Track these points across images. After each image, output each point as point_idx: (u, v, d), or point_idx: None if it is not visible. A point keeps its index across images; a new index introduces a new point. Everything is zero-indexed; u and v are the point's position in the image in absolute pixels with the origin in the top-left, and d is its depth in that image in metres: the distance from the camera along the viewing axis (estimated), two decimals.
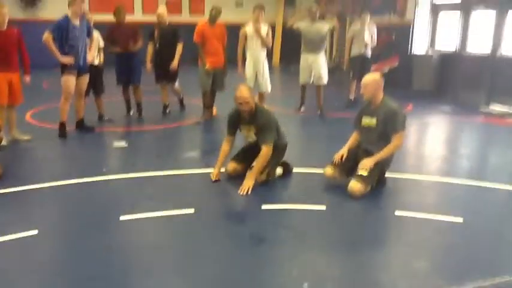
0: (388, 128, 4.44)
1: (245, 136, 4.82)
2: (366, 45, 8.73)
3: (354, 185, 4.30)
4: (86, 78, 6.47)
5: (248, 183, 4.44)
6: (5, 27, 5.78)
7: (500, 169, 5.52)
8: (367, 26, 8.76)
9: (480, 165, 5.81)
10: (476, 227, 3.80)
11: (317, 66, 7.77)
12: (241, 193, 4.37)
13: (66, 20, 6.07)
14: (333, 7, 14.28)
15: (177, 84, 7.81)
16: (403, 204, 4.22)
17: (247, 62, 7.25)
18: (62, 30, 6.03)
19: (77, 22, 6.13)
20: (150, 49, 7.54)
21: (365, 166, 4.36)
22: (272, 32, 7.49)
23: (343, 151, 4.66)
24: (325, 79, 7.87)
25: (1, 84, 5.77)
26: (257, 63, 7.20)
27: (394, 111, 4.46)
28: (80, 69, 6.27)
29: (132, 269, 3.17)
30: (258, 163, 4.55)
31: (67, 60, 6.09)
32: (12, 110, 6.05)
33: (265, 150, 4.54)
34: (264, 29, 7.15)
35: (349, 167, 4.56)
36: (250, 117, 4.64)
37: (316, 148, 6.34)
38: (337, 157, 4.63)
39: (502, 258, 3.36)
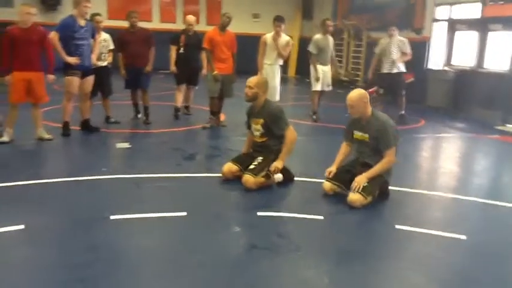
0: (380, 143, 4.36)
1: (253, 130, 4.88)
2: (393, 62, 8.55)
3: (353, 196, 4.18)
4: (90, 80, 6.41)
5: (277, 165, 4.63)
6: (29, 25, 5.68)
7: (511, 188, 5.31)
8: (395, 41, 8.58)
9: (490, 183, 5.58)
10: (479, 245, 3.62)
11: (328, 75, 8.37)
12: (272, 170, 4.59)
13: (72, 19, 6.06)
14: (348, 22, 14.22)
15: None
16: (405, 218, 4.05)
17: (263, 69, 7.34)
18: (68, 30, 6.01)
19: (83, 22, 6.11)
20: (173, 52, 7.70)
21: (358, 184, 4.23)
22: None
23: (333, 167, 4.54)
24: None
25: (17, 84, 5.71)
26: (269, 71, 7.26)
27: (384, 127, 4.35)
28: (85, 70, 6.22)
29: (118, 269, 3.06)
30: (286, 147, 4.68)
31: (73, 60, 6.03)
32: (35, 108, 5.99)
33: (289, 135, 4.69)
34: (284, 40, 7.27)
35: (348, 179, 4.40)
36: (259, 109, 4.78)
37: (321, 158, 6.18)
38: (327, 174, 4.52)
39: (503, 278, 3.17)
